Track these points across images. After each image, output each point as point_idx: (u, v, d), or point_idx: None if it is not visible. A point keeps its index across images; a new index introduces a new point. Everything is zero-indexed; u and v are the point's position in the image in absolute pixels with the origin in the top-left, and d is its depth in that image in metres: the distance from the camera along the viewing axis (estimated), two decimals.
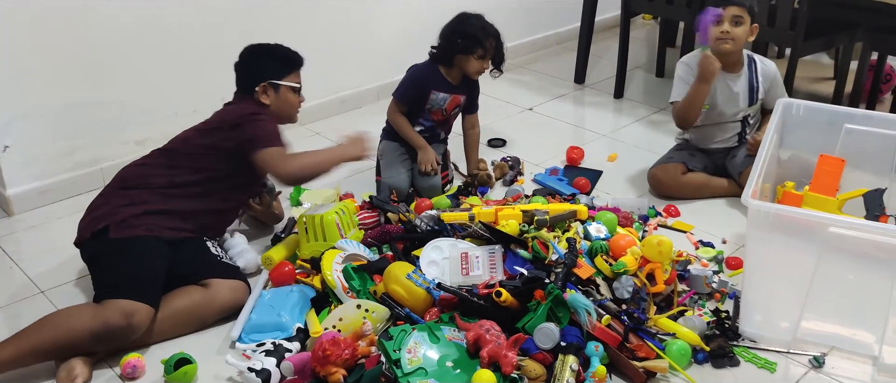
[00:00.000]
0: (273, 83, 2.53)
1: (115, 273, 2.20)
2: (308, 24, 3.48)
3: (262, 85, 2.52)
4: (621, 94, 3.96)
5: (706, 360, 2.11)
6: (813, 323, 2.17)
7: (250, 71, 2.56)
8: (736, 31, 2.77)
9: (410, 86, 2.94)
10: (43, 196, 2.93)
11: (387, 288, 2.20)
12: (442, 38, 2.90)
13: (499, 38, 2.89)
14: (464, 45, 2.83)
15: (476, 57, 2.84)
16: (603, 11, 4.21)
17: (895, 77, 3.71)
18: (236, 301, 2.29)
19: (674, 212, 2.84)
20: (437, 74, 2.92)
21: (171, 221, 2.34)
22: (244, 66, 2.58)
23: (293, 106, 2.62)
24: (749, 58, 2.91)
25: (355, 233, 2.55)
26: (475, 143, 3.10)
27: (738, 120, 2.93)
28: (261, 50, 2.60)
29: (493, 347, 1.94)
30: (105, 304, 2.11)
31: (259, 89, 2.52)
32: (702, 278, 2.35)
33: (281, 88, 2.55)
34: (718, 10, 2.76)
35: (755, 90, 2.89)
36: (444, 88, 2.92)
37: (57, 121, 2.89)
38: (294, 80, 2.59)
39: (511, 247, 2.30)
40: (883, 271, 2.04)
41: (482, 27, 2.85)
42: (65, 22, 2.79)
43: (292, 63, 2.60)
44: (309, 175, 2.49)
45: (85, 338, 2.06)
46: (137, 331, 2.11)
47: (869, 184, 2.54)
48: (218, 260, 2.38)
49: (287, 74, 2.57)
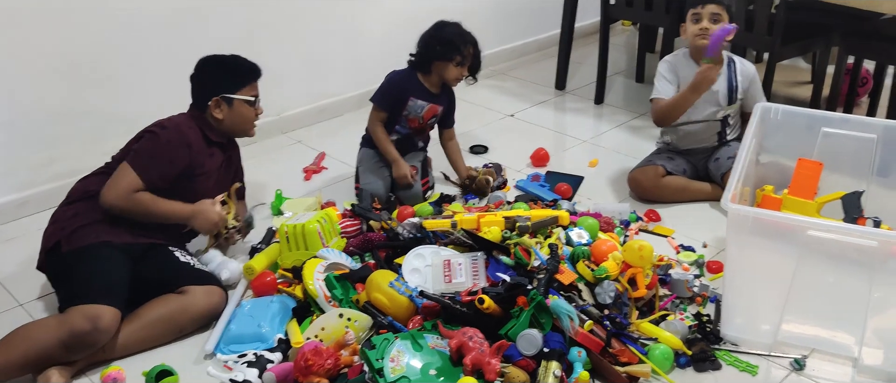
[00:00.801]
0: (226, 97, 2.48)
1: (75, 283, 2.18)
2: (288, 32, 3.48)
3: (214, 99, 2.47)
4: (602, 100, 3.98)
5: (688, 364, 2.12)
6: (793, 326, 2.19)
7: (203, 85, 2.50)
8: (714, 28, 2.80)
9: (389, 90, 2.95)
10: (21, 207, 2.90)
11: (369, 296, 2.20)
12: (420, 44, 2.92)
13: (476, 45, 2.91)
14: (442, 51, 2.85)
15: (454, 63, 2.86)
16: (582, 18, 4.24)
17: (871, 80, 3.75)
18: (213, 306, 2.27)
19: (654, 216, 2.85)
20: (415, 81, 2.93)
21: (122, 229, 2.31)
22: (197, 79, 2.52)
23: (248, 120, 2.55)
24: (729, 58, 2.94)
25: (337, 241, 2.54)
26: (458, 152, 3.11)
27: (718, 119, 2.96)
28: (213, 62, 2.53)
29: (476, 354, 1.94)
30: (69, 312, 2.09)
31: (211, 103, 2.47)
32: (683, 282, 2.36)
33: (234, 102, 2.49)
34: (733, 25, 2.77)
35: (734, 89, 2.92)
36: (422, 96, 2.93)
37: (35, 131, 2.87)
38: (248, 92, 2.52)
39: (493, 254, 2.30)
40: (861, 273, 2.06)
41: (460, 34, 2.87)
42: (42, 32, 2.77)
43: (247, 75, 2.53)
44: (131, 214, 2.32)
45: (55, 349, 2.04)
46: (105, 334, 2.07)
47: (847, 187, 2.56)
48: (191, 266, 2.35)
49: (241, 88, 2.50)
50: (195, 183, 2.44)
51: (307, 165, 3.28)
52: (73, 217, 2.32)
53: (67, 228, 2.29)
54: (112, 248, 2.26)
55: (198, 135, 2.44)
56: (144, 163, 2.33)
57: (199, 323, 2.26)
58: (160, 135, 2.37)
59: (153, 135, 2.38)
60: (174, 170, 2.37)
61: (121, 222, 2.32)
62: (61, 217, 2.35)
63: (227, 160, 2.60)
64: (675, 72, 2.94)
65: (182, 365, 2.12)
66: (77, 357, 2.09)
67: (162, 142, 2.36)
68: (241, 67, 2.53)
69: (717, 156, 2.97)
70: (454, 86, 3.00)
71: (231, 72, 2.52)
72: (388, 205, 2.85)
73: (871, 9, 2.98)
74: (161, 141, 2.36)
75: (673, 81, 2.94)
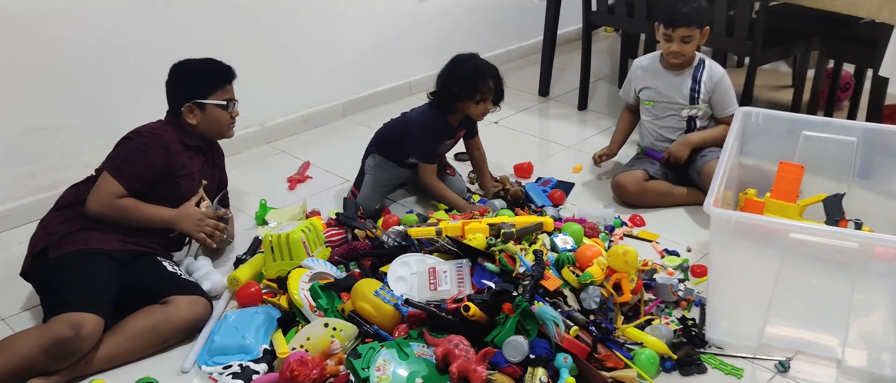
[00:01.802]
0: (198, 102, 2.48)
1: (60, 289, 2.18)
2: (270, 41, 3.47)
3: (186, 105, 2.47)
4: (585, 106, 3.99)
5: (674, 368, 2.12)
6: (778, 329, 2.20)
7: (175, 91, 2.50)
8: (686, 48, 2.85)
9: (431, 145, 2.89)
10: (3, 221, 2.88)
11: (354, 305, 2.19)
12: (438, 84, 2.85)
13: (496, 76, 2.82)
14: (461, 91, 2.77)
15: (474, 101, 2.79)
16: (565, 25, 4.26)
17: (852, 84, 3.78)
18: (196, 317, 2.26)
19: (639, 221, 2.86)
20: (444, 124, 2.87)
21: (110, 235, 2.32)
22: (170, 85, 2.52)
23: (223, 123, 2.54)
24: (700, 60, 2.96)
25: (322, 250, 2.54)
26: (484, 164, 3.06)
27: (684, 118, 2.97)
28: (184, 68, 2.52)
29: (462, 362, 1.94)
30: (52, 320, 2.08)
31: (184, 109, 2.48)
32: (668, 287, 2.37)
33: (207, 107, 2.49)
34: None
35: (696, 92, 2.93)
36: (449, 135, 2.93)
37: (15, 145, 2.84)
38: (221, 96, 2.52)
39: (478, 261, 2.30)
40: (844, 275, 2.07)
41: (476, 69, 2.78)
42: (19, 44, 2.75)
43: (218, 79, 2.52)
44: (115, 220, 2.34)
45: (37, 357, 2.02)
46: (87, 342, 2.06)
47: (828, 190, 2.58)
48: (177, 276, 2.34)
49: (212, 92, 2.50)
50: (180, 186, 2.45)
51: (291, 175, 3.27)
52: (62, 223, 2.33)
53: (55, 234, 2.29)
54: (100, 255, 2.26)
55: (174, 137, 2.45)
56: (121, 168, 2.35)
57: (182, 335, 2.24)
58: (135, 139, 2.39)
59: (128, 140, 2.40)
60: (152, 173, 2.38)
61: (109, 229, 2.32)
62: (50, 223, 2.36)
63: (208, 162, 2.60)
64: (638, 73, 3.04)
65: (167, 377, 2.10)
66: (60, 365, 2.07)
67: (136, 147, 2.37)
68: (212, 71, 2.52)
69: (692, 158, 2.98)
70: (480, 120, 2.95)
71: (202, 76, 2.51)
72: (374, 215, 2.85)
73: (850, 13, 3.01)
74: (135, 145, 2.38)
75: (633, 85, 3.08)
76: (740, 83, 3.31)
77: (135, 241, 2.36)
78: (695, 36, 2.84)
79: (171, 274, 2.34)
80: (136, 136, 2.40)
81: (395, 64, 4.02)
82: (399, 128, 2.98)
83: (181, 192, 2.45)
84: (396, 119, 3.06)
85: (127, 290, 2.25)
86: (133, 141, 2.39)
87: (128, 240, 2.35)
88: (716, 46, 3.59)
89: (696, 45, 2.88)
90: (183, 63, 2.52)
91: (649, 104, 3.03)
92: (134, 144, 2.38)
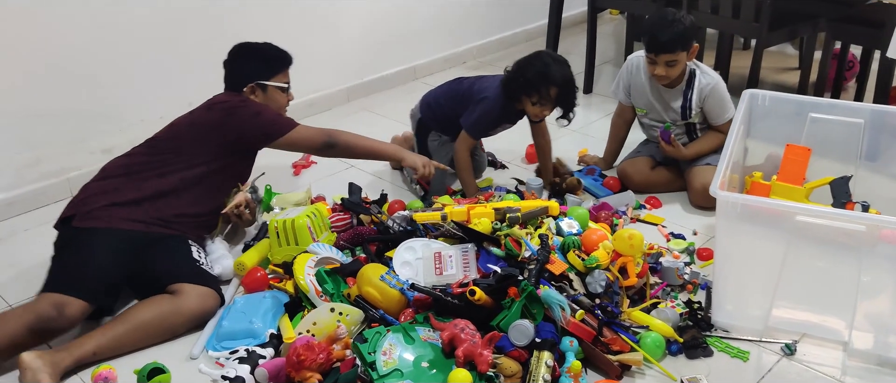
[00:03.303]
0: (261, 83, 2.58)
1: (61, 266, 2.23)
2: (273, 26, 3.44)
3: (249, 85, 2.57)
4: (590, 89, 3.98)
5: (680, 352, 2.12)
6: (784, 311, 2.19)
7: (238, 71, 2.60)
8: (672, 71, 2.76)
9: (487, 122, 2.86)
10: (9, 208, 2.89)
11: (360, 290, 2.19)
12: (513, 70, 2.79)
13: (565, 86, 2.72)
14: (523, 86, 2.73)
15: (531, 102, 2.75)
16: (570, 7, 4.24)
17: (858, 66, 3.76)
18: (205, 309, 2.26)
19: (656, 203, 2.87)
20: (509, 110, 2.83)
21: (137, 215, 2.33)
22: (232, 65, 2.61)
23: (281, 105, 2.66)
24: (691, 73, 2.85)
25: (327, 235, 2.54)
26: (548, 153, 3.02)
27: (682, 125, 2.94)
28: (249, 49, 2.63)
29: (468, 346, 1.94)
30: (39, 297, 2.14)
31: (247, 90, 2.58)
32: (673, 270, 2.37)
33: (269, 88, 2.60)
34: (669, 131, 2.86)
35: (687, 109, 2.86)
36: (510, 121, 2.92)
37: (20, 131, 2.85)
38: (282, 79, 2.63)
39: (484, 246, 2.30)
40: (851, 258, 2.06)
41: (544, 73, 2.70)
42: (23, 31, 2.75)
43: (280, 62, 2.64)
44: (349, 153, 2.67)
45: (23, 335, 2.06)
46: (71, 323, 2.12)
47: (835, 172, 2.57)
48: (195, 265, 2.34)
49: (275, 74, 2.62)
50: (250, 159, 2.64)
51: (296, 160, 3.27)
52: (97, 194, 2.36)
53: (86, 205, 2.33)
54: (114, 237, 2.27)
55: None
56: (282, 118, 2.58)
57: (191, 325, 2.25)
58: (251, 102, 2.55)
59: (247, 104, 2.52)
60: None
61: (139, 208, 2.34)
62: (88, 191, 2.40)
63: None
64: (628, 81, 2.97)
65: (173, 362, 2.11)
66: (42, 343, 2.11)
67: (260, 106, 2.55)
68: (274, 55, 2.64)
69: None
70: (536, 121, 2.92)
71: (265, 59, 2.62)
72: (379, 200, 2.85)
73: None
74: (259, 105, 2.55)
75: (625, 91, 3.00)
76: (746, 65, 3.29)
77: (161, 224, 2.37)
78: (679, 59, 2.73)
79: (193, 261, 2.34)
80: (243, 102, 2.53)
81: (398, 48, 4.01)
82: (462, 97, 2.90)
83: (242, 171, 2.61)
84: (456, 87, 2.96)
85: (145, 271, 2.28)
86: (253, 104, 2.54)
87: (154, 222, 2.35)
88: (722, 28, 3.56)
89: (682, 66, 2.77)
90: (246, 45, 2.64)
91: (642, 112, 2.99)
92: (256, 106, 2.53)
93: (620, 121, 3.10)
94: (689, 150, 2.88)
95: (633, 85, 2.96)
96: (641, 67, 2.90)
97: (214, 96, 2.59)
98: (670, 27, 2.69)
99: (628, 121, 3.09)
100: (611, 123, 3.15)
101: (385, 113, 3.66)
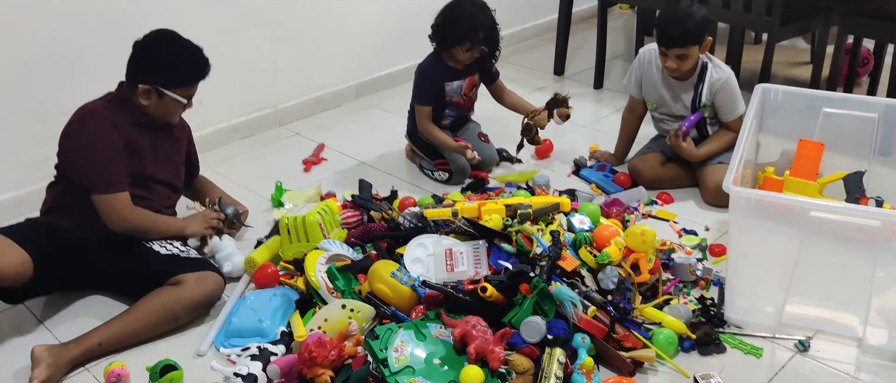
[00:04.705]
0: (158, 89, 2.30)
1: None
2: (282, 24, 3.45)
3: (146, 87, 2.29)
4: (601, 85, 3.96)
5: (693, 348, 2.11)
6: (797, 308, 2.18)
7: (142, 63, 2.31)
8: (683, 65, 2.74)
9: (424, 84, 2.96)
10: (19, 206, 2.88)
11: (372, 287, 2.19)
12: (436, 22, 2.91)
13: (490, 29, 2.87)
14: (452, 35, 2.85)
15: (463, 49, 2.86)
16: (580, 2, 4.22)
17: (872, 60, 3.73)
18: (207, 293, 2.26)
19: (667, 198, 2.86)
20: (442, 65, 2.95)
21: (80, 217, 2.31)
22: (141, 53, 2.32)
23: (173, 114, 2.40)
24: (703, 66, 2.82)
25: (338, 232, 2.54)
26: (515, 96, 3.16)
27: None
28: (165, 45, 2.32)
29: (480, 343, 1.94)
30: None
31: (141, 88, 2.29)
32: (686, 266, 2.35)
33: (166, 97, 2.32)
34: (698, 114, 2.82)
35: (698, 103, 2.84)
36: (454, 76, 2.97)
37: (27, 130, 2.84)
38: (185, 93, 2.35)
39: (495, 242, 2.29)
40: (865, 253, 2.05)
41: (471, 18, 2.82)
42: (28, 29, 2.74)
43: (192, 76, 2.34)
44: (140, 234, 2.34)
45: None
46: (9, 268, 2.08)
47: (848, 167, 2.55)
48: (176, 256, 2.33)
49: (180, 86, 2.33)
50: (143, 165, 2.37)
51: (306, 157, 3.27)
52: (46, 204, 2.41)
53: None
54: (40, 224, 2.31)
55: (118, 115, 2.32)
56: (101, 173, 2.26)
57: (194, 312, 2.25)
58: (84, 131, 2.28)
59: (79, 134, 2.29)
60: (121, 155, 2.29)
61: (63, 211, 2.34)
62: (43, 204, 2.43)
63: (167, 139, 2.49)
64: (640, 75, 2.95)
65: (184, 359, 2.11)
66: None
67: (92, 138, 2.27)
68: (190, 65, 2.33)
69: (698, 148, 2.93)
70: (467, 64, 2.98)
71: (174, 66, 2.32)
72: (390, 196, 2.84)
73: None
74: (91, 137, 2.27)
75: (637, 84, 2.99)
76: (758, 60, 3.27)
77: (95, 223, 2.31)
78: (691, 53, 2.71)
79: (168, 255, 2.32)
80: (80, 127, 2.30)
81: (407, 45, 3.98)
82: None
83: (144, 174, 2.36)
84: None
85: (131, 279, 2.27)
86: (83, 133, 2.28)
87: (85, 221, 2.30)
88: (733, 22, 3.54)
89: (694, 59, 2.75)
90: (166, 37, 2.32)
91: (653, 106, 2.98)
92: (86, 137, 2.28)
93: (631, 115, 3.09)
94: (701, 151, 2.85)
95: (644, 78, 2.94)
96: (653, 60, 2.89)
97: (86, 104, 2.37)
98: (683, 21, 2.67)
99: (639, 116, 3.08)
100: (621, 118, 3.13)
101: (393, 109, 3.65)
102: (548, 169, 3.12)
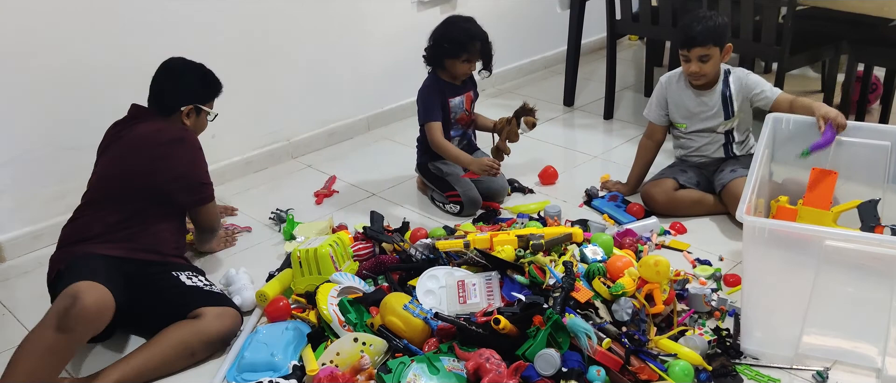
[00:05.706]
0: (198, 107, 2.53)
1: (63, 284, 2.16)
2: (294, 57, 3.49)
3: (189, 107, 2.50)
4: (611, 115, 3.97)
5: (709, 380, 2.09)
6: (814, 338, 2.16)
7: (180, 90, 2.50)
8: (705, 68, 2.78)
9: (430, 101, 3.02)
10: (36, 241, 2.91)
11: (384, 319, 2.18)
12: (430, 41, 3.02)
13: (485, 40, 3.00)
14: (450, 49, 2.96)
15: (461, 61, 2.97)
16: (589, 34, 4.24)
17: (881, 86, 3.73)
18: (226, 330, 2.26)
19: (680, 228, 2.84)
20: (442, 82, 3.03)
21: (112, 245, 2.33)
22: (169, 81, 2.51)
23: (205, 127, 2.61)
24: (725, 72, 2.89)
25: (350, 265, 2.53)
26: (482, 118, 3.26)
27: (721, 132, 2.93)
28: (191, 68, 2.54)
29: (493, 376, 1.92)
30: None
31: (184, 110, 2.49)
32: (701, 297, 2.34)
33: (202, 113, 2.55)
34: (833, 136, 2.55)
35: (729, 101, 2.87)
36: (455, 92, 3.06)
37: (46, 165, 2.88)
38: (212, 106, 2.59)
39: (508, 273, 2.29)
40: (881, 282, 2.03)
41: (467, 31, 2.97)
42: (45, 65, 2.78)
43: (216, 87, 2.58)
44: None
45: (52, 339, 2.00)
46: (89, 306, 2.01)
47: (863, 196, 2.54)
48: (200, 288, 2.34)
49: (210, 100, 2.57)
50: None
51: (318, 189, 3.28)
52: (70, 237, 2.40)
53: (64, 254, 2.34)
54: (98, 258, 2.27)
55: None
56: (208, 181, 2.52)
57: (211, 348, 2.25)
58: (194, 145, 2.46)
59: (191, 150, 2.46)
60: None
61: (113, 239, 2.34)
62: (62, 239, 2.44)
63: None
64: (664, 96, 2.98)
65: None
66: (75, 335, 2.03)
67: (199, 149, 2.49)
68: (214, 79, 2.58)
69: (722, 168, 2.94)
70: (463, 79, 3.09)
71: (207, 82, 2.56)
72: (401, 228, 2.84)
73: (881, 15, 2.97)
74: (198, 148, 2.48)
75: (661, 107, 3.00)
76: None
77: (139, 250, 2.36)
78: (713, 54, 2.75)
79: (192, 287, 2.33)
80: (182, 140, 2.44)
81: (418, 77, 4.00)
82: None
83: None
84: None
85: (150, 310, 2.26)
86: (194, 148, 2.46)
87: (132, 248, 2.35)
88: (743, 52, 3.55)
89: (716, 63, 2.79)
90: (183, 61, 2.54)
91: (682, 127, 2.97)
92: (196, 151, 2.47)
93: (650, 142, 3.08)
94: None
95: (670, 98, 2.96)
96: (676, 79, 2.94)
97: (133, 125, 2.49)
98: (702, 22, 2.75)
99: (658, 143, 3.07)
100: (639, 145, 3.12)
101: (405, 141, 3.67)
102: (559, 199, 3.12)
